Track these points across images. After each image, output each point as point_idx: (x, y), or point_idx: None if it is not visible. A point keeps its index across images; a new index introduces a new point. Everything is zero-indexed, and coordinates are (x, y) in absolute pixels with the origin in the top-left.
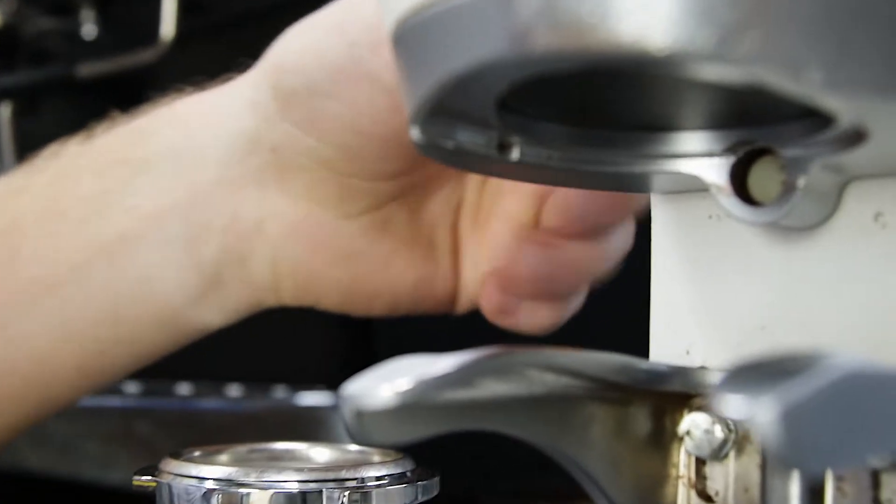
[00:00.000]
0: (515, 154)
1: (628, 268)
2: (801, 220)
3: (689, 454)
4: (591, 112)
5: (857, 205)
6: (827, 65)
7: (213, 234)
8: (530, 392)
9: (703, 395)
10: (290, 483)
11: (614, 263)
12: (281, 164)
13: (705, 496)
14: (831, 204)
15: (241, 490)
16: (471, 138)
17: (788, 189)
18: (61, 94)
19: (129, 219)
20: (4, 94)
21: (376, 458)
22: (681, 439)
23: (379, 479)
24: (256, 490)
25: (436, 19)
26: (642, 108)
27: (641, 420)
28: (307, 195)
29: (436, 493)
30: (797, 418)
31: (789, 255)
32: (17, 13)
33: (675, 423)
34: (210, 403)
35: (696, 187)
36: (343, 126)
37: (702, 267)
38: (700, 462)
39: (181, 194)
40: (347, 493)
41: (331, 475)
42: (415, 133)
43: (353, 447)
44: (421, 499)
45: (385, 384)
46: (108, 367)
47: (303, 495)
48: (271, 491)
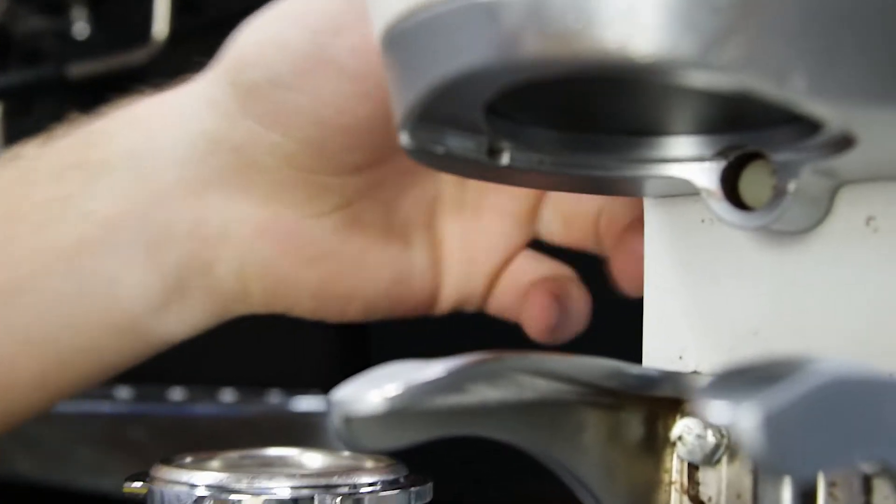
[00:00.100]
0: (505, 159)
1: None
2: (792, 224)
3: (681, 460)
4: (581, 116)
5: (849, 209)
6: (812, 71)
7: (176, 239)
8: (521, 397)
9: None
10: (281, 489)
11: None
12: (244, 165)
13: (698, 502)
14: (823, 208)
15: (233, 496)
16: (460, 143)
17: (779, 193)
18: (53, 93)
19: (87, 224)
20: None
21: (369, 464)
22: (673, 445)
23: (371, 485)
24: (248, 496)
25: (424, 25)
26: (633, 112)
27: (633, 425)
28: (273, 195)
29: (429, 499)
30: (780, 423)
31: (782, 259)
32: (8, 12)
33: (668, 429)
34: (203, 409)
35: (689, 191)
36: (307, 118)
37: (694, 271)
38: (693, 467)
39: (141, 198)
40: (339, 499)
41: (322, 481)
42: (404, 138)
43: (346, 453)
44: None
45: (374, 390)
46: (69, 377)
47: (294, 502)
48: (263, 497)
